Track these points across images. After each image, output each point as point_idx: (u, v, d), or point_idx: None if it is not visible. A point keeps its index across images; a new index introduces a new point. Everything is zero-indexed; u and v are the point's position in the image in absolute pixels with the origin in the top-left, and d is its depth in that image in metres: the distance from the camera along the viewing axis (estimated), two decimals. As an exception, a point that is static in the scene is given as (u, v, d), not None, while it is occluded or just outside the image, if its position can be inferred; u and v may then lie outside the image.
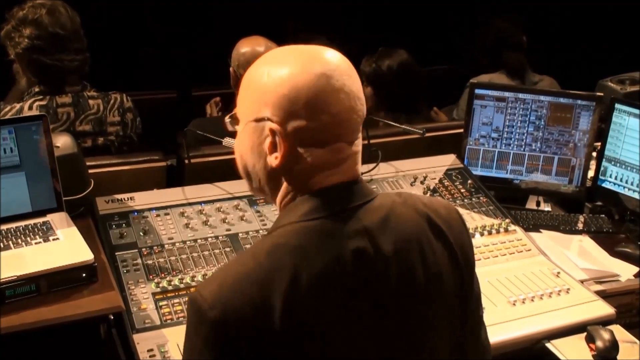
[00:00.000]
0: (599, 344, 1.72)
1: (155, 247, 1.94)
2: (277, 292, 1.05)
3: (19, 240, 1.81)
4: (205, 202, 2.13)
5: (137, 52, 4.72)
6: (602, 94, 2.54)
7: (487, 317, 1.78)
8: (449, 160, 2.46)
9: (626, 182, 2.41)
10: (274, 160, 1.14)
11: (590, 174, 2.53)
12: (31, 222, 1.88)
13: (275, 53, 1.19)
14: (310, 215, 1.13)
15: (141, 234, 1.98)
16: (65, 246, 1.80)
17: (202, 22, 4.84)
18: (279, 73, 1.13)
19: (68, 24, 2.42)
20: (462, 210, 2.25)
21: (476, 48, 3.77)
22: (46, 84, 2.45)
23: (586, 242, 2.31)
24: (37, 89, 2.45)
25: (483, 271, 2.01)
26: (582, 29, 4.78)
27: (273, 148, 1.14)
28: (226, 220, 2.07)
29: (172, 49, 4.66)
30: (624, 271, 2.15)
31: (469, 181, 2.39)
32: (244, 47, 2.83)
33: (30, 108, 2.40)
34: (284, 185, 1.18)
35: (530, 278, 1.99)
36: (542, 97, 2.51)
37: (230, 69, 2.87)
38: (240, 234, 2.04)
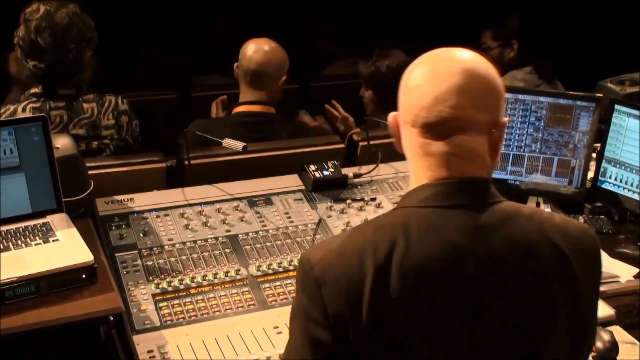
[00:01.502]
0: (599, 345, 1.72)
1: (155, 248, 1.95)
2: (372, 263, 1.11)
3: (19, 242, 1.81)
4: (205, 203, 2.13)
5: (138, 52, 4.72)
6: (601, 94, 2.54)
7: (487, 318, 1.79)
8: (449, 161, 2.45)
9: (626, 183, 2.41)
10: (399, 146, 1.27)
11: (590, 175, 2.53)
12: (31, 223, 1.88)
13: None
14: (423, 203, 1.17)
15: (141, 235, 1.98)
16: (65, 247, 1.80)
17: (202, 22, 4.84)
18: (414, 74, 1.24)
19: (53, 36, 2.36)
20: (461, 211, 2.24)
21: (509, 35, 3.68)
22: (38, 83, 2.45)
23: (586, 243, 2.31)
24: (32, 91, 2.46)
25: (483, 272, 2.01)
26: (582, 30, 4.78)
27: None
28: (226, 221, 2.07)
29: (173, 49, 4.66)
30: (624, 272, 2.14)
31: (469, 182, 2.39)
32: (248, 44, 2.87)
33: (24, 110, 2.40)
34: (413, 171, 1.24)
35: (530, 279, 1.99)
36: (541, 98, 2.51)
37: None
38: (240, 235, 2.04)
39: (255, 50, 2.82)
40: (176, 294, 1.82)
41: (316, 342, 1.14)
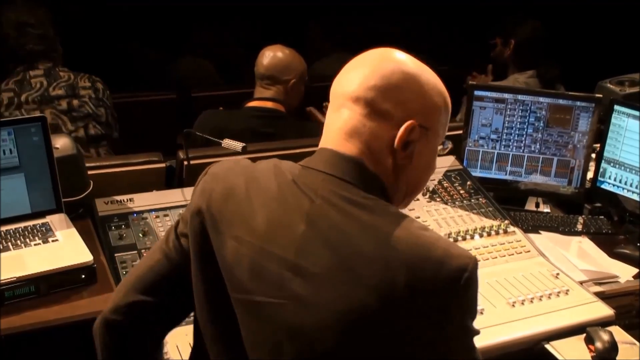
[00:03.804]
0: (598, 345, 1.72)
1: (154, 249, 1.94)
2: (244, 182, 1.22)
3: (19, 242, 1.81)
4: (205, 204, 2.12)
5: (137, 52, 4.73)
6: (601, 95, 2.54)
7: (487, 319, 1.79)
8: (448, 161, 2.46)
9: (625, 183, 2.41)
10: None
11: (590, 175, 2.53)
12: (30, 223, 1.89)
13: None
14: (303, 162, 1.23)
15: (140, 235, 1.98)
16: (65, 247, 1.80)
17: (202, 23, 4.85)
18: None
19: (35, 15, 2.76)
20: (461, 212, 2.25)
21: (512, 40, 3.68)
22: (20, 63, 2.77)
23: (585, 243, 2.31)
24: (15, 71, 2.76)
25: (482, 272, 2.01)
26: (582, 30, 4.78)
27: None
28: (225, 222, 2.07)
29: (172, 50, 4.67)
30: (623, 272, 2.14)
31: (468, 182, 2.39)
32: (263, 49, 3.02)
33: (6, 85, 2.72)
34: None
35: (529, 279, 1.99)
36: (541, 99, 2.51)
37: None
38: (239, 235, 2.03)
39: (266, 55, 2.97)
40: (176, 294, 1.82)
41: (180, 220, 1.29)
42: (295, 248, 1.14)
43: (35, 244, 1.81)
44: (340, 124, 1.21)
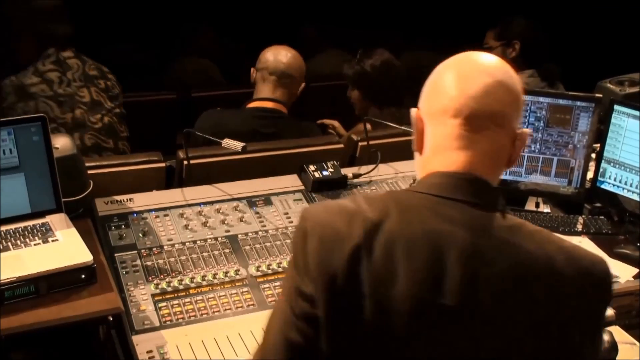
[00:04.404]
0: (598, 345, 1.72)
1: (154, 249, 1.95)
2: (361, 229, 1.11)
3: (18, 242, 1.81)
4: (205, 204, 2.13)
5: (137, 53, 4.73)
6: (601, 95, 2.54)
7: (486, 319, 1.79)
8: (448, 161, 2.45)
9: (625, 183, 2.41)
10: None
11: (590, 175, 2.53)
12: (30, 223, 1.88)
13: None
14: (425, 189, 1.17)
15: (140, 235, 1.98)
16: (65, 247, 1.80)
17: (202, 23, 4.85)
18: None
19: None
20: (461, 212, 2.24)
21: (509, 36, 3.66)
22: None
23: (585, 243, 2.31)
24: (47, 54, 2.75)
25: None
26: (582, 30, 4.78)
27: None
28: (225, 222, 2.07)
29: (172, 50, 4.67)
30: (623, 272, 2.14)
31: (468, 182, 2.39)
32: (271, 49, 2.95)
33: (43, 65, 2.73)
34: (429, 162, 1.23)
35: (529, 279, 1.99)
36: (541, 99, 2.51)
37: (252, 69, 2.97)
38: (239, 235, 2.04)
39: (283, 54, 2.89)
40: (175, 294, 1.82)
41: (296, 298, 1.14)
42: (459, 293, 1.09)
43: (35, 244, 1.81)
44: (485, 147, 1.17)
